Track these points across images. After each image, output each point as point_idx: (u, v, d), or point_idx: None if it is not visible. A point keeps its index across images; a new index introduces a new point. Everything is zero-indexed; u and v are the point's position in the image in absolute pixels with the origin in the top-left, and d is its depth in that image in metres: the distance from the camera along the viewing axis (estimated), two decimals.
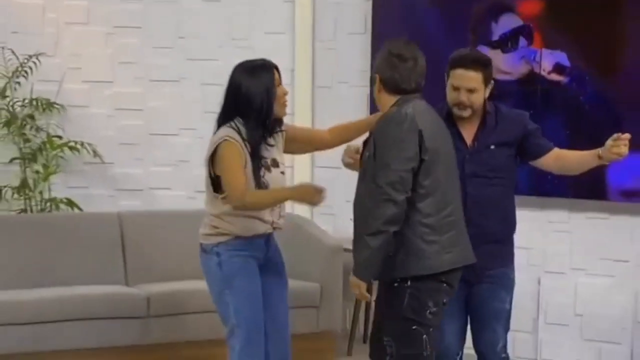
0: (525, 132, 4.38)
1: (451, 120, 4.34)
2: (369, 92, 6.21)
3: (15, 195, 6.31)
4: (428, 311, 3.81)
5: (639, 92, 5.56)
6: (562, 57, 5.70)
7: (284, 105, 4.32)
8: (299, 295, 5.77)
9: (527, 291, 5.86)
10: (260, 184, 4.23)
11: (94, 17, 6.60)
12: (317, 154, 6.52)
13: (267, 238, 4.37)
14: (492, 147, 4.36)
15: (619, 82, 5.65)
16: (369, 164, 3.80)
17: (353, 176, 6.32)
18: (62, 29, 6.56)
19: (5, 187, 6.30)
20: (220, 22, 6.63)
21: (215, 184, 4.23)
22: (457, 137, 4.34)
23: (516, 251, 5.59)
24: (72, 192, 6.52)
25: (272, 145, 4.30)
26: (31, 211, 6.31)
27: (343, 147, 4.51)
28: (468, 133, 4.36)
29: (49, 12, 6.53)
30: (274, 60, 6.34)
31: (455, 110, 4.31)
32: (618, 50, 5.66)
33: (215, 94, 6.19)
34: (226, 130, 4.18)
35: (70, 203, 6.40)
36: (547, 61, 5.76)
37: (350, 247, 5.96)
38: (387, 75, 3.86)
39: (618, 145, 4.18)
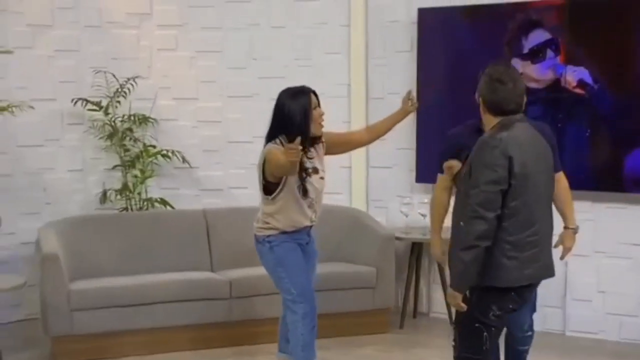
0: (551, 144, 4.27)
1: (483, 131, 4.33)
2: (415, 102, 6.53)
3: (118, 197, 6.61)
4: (492, 314, 3.79)
5: None
6: (585, 74, 5.83)
7: (320, 125, 4.69)
8: (357, 278, 6.04)
9: (556, 272, 6.00)
10: (305, 187, 4.65)
11: (181, 43, 6.88)
12: (372, 156, 6.82)
13: (308, 231, 4.81)
14: None
15: (632, 97, 5.78)
16: (464, 182, 3.81)
17: (402, 175, 6.72)
18: (154, 54, 6.85)
19: (109, 189, 6.63)
20: (286, 45, 6.84)
21: (266, 188, 4.66)
22: None
23: None
24: (165, 193, 6.81)
25: (311, 158, 4.68)
26: (131, 209, 6.60)
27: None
28: None
29: (142, 40, 6.82)
30: (333, 76, 6.81)
31: None
32: (630, 69, 5.78)
33: None
34: (272, 145, 4.59)
35: (163, 202, 6.68)
36: (572, 76, 5.88)
37: (400, 235, 6.34)
38: (489, 99, 3.82)
39: None
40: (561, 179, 4.49)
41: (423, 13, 6.41)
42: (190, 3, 6.91)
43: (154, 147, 6.76)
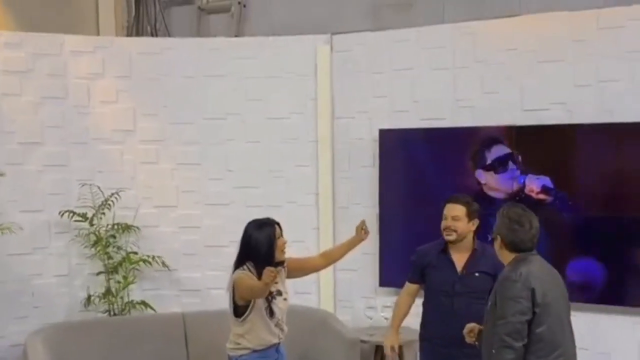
0: (499, 270, 4.25)
1: (446, 253, 4.47)
2: (377, 211, 6.26)
3: (102, 300, 6.21)
4: None
5: (597, 208, 5.52)
6: (547, 181, 5.60)
7: (283, 252, 4.55)
8: None
9: None
10: (271, 308, 4.48)
11: (162, 157, 6.56)
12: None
13: (277, 348, 4.58)
14: (477, 274, 4.44)
15: (583, 200, 5.56)
16: (491, 313, 3.76)
17: (367, 278, 6.41)
18: (137, 167, 6.51)
19: (94, 294, 6.22)
20: (260, 158, 6.55)
21: (236, 310, 4.46)
22: (450, 264, 4.45)
23: None
24: (146, 294, 6.40)
25: (276, 282, 4.47)
26: (114, 313, 6.20)
27: None
28: (459, 262, 4.46)
29: (126, 154, 6.50)
30: (302, 186, 6.54)
31: (445, 234, 4.46)
32: (578, 176, 5.61)
33: (257, 214, 6.29)
34: (240, 272, 4.45)
35: (144, 304, 6.28)
36: (534, 184, 5.64)
37: (365, 337, 5.97)
38: (509, 239, 3.79)
39: None
40: None
41: (383, 133, 6.18)
42: (170, 120, 6.56)
43: (136, 253, 6.35)
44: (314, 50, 6.49)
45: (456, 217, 4.48)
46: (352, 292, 6.48)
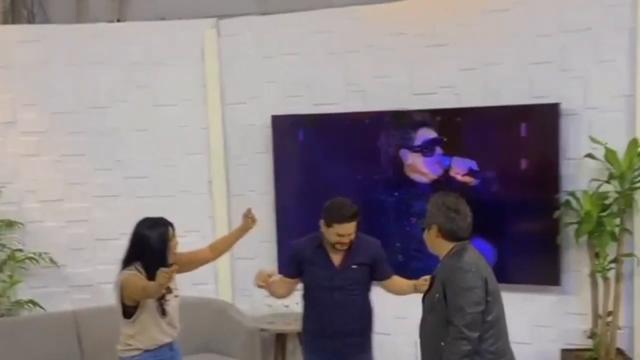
0: (377, 257, 4.58)
1: (322, 248, 4.55)
2: (274, 198, 6.30)
3: None
4: None
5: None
6: (473, 164, 5.69)
7: (174, 254, 4.44)
8: None
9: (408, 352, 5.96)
10: (163, 307, 4.39)
11: (46, 148, 6.36)
12: (237, 247, 6.44)
13: (170, 346, 4.52)
14: (354, 266, 4.54)
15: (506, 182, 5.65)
16: (439, 305, 3.70)
17: (265, 266, 6.37)
18: (19, 160, 6.30)
19: None
20: (149, 147, 6.44)
21: (125, 311, 4.37)
22: (327, 260, 4.54)
23: (396, 321, 5.75)
24: (34, 292, 6.23)
25: None
26: (1, 314, 5.99)
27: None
28: (336, 257, 4.54)
29: (7, 147, 6.27)
30: (194, 175, 6.49)
31: (338, 247, 4.50)
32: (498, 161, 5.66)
33: (148, 205, 6.29)
34: (127, 272, 4.34)
35: (33, 303, 6.10)
36: (460, 167, 5.73)
37: (265, 326, 6.01)
38: (447, 227, 3.77)
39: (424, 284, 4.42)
40: (395, 277, 4.70)
41: (276, 119, 6.18)
42: (53, 110, 6.35)
43: (21, 250, 6.16)
44: (201, 35, 6.42)
45: (351, 235, 4.50)
46: (250, 281, 6.38)
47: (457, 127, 5.71)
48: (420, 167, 5.84)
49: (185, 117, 6.47)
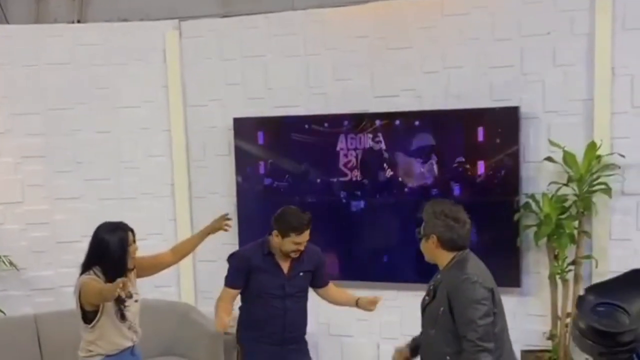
0: (319, 264, 4.67)
1: (271, 255, 4.58)
2: (235, 201, 6.32)
3: None
4: None
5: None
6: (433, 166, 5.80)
7: (135, 258, 4.43)
8: None
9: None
10: (122, 312, 4.36)
11: (5, 150, 6.31)
12: (198, 250, 6.48)
13: (131, 351, 4.51)
14: (301, 274, 4.62)
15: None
16: (443, 318, 3.57)
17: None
18: None
19: None
20: (111, 149, 6.42)
21: (85, 317, 4.36)
22: (277, 268, 4.57)
23: (359, 323, 5.81)
24: None
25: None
26: None
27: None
28: (284, 265, 4.59)
29: None
30: (157, 177, 6.49)
31: (292, 255, 4.53)
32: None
33: (110, 207, 6.28)
34: (86, 276, 4.32)
35: None
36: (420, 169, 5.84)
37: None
38: (446, 237, 3.63)
39: (373, 304, 4.59)
40: (332, 287, 4.79)
41: (237, 121, 6.20)
42: (12, 111, 6.31)
43: None
44: (163, 36, 6.41)
45: (306, 241, 4.54)
46: (213, 283, 6.40)
47: (418, 129, 5.77)
48: (380, 170, 5.88)
49: (147, 119, 6.46)
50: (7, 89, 6.32)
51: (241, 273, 4.63)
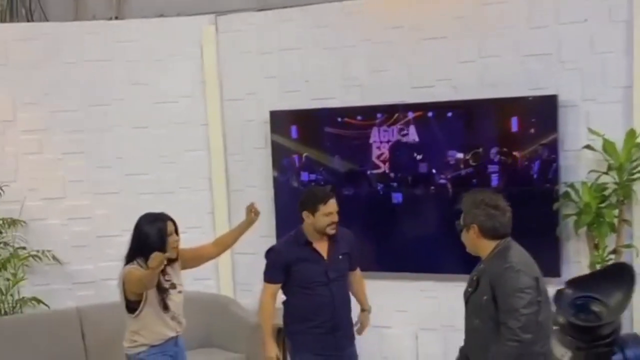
0: (353, 246, 4.73)
1: (308, 245, 4.64)
2: (272, 194, 6.38)
3: None
4: None
5: None
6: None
7: (175, 250, 4.54)
8: None
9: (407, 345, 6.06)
10: (165, 302, 4.49)
11: (46, 147, 6.46)
12: (237, 243, 6.59)
13: (175, 341, 4.61)
14: (340, 257, 4.67)
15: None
16: (487, 307, 3.59)
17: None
18: (20, 158, 6.40)
19: None
20: (149, 144, 6.53)
21: (128, 306, 4.47)
22: (316, 254, 4.63)
23: (397, 314, 5.85)
24: (38, 290, 6.34)
25: (169, 278, 4.54)
26: (5, 312, 6.11)
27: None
28: (323, 250, 4.65)
29: (7, 146, 6.38)
30: (195, 171, 6.59)
31: (329, 230, 4.58)
32: None
33: (149, 201, 6.39)
34: (129, 266, 4.45)
35: (37, 300, 6.21)
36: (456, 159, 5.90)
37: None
38: (488, 226, 3.64)
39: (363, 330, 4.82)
40: (357, 273, 4.87)
41: (274, 114, 6.28)
42: (52, 108, 6.46)
43: (24, 248, 6.27)
44: (199, 31, 6.51)
45: (337, 210, 4.60)
46: (251, 276, 6.54)
47: (455, 120, 5.79)
48: (416, 161, 5.91)
49: (185, 114, 6.57)
50: (48, 87, 6.46)
51: (279, 267, 4.70)
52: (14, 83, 6.41)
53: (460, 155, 5.77)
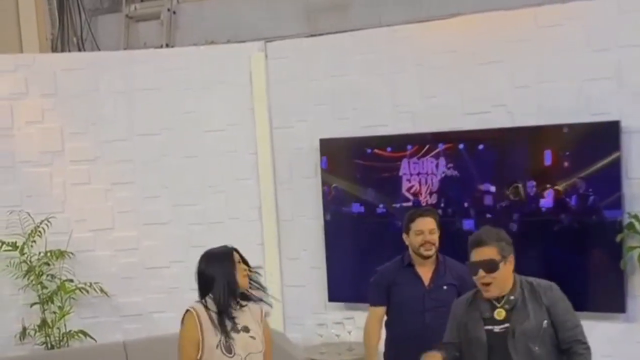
0: (462, 279, 4.53)
1: (411, 267, 4.68)
2: (322, 223, 6.50)
3: (37, 333, 6.33)
4: None
5: None
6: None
7: (245, 278, 4.20)
8: None
9: None
10: (228, 342, 4.07)
11: (94, 177, 6.69)
12: (285, 275, 6.75)
13: None
14: (445, 287, 4.65)
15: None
16: (547, 332, 3.78)
17: (315, 293, 6.64)
18: (68, 189, 6.65)
19: (29, 326, 6.32)
20: (198, 173, 6.72)
21: None
22: (417, 278, 4.65)
23: None
24: (84, 323, 6.54)
25: (243, 311, 4.16)
26: (52, 345, 6.32)
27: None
28: (425, 276, 4.67)
29: (55, 177, 6.63)
30: (244, 201, 6.73)
31: (423, 250, 4.61)
32: None
33: (197, 232, 6.58)
34: (194, 304, 4.14)
35: (83, 333, 6.42)
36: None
37: (316, 356, 6.18)
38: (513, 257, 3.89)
39: None
40: None
41: (324, 142, 6.43)
42: (101, 138, 6.73)
43: (72, 281, 6.50)
44: (249, 58, 6.72)
45: (433, 231, 4.63)
46: (301, 309, 6.69)
47: (511, 147, 5.83)
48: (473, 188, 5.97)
49: (233, 142, 6.76)
50: (96, 116, 6.74)
51: (381, 289, 4.74)
52: (63, 113, 6.69)
53: (517, 186, 5.80)
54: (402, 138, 6.18)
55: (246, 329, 4.15)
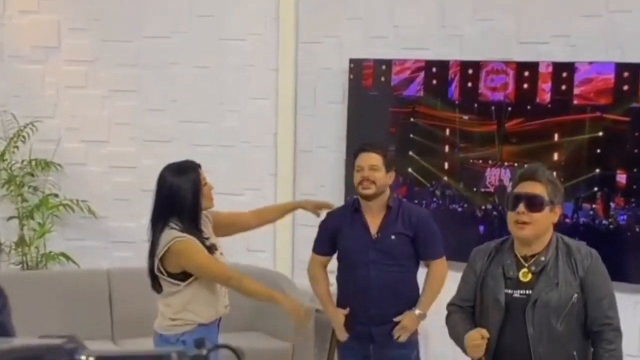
0: (419, 229, 4.56)
1: (359, 212, 4.59)
2: (345, 156, 6.39)
3: (13, 251, 6.38)
4: None
5: None
6: None
7: (211, 200, 4.41)
8: (271, 354, 5.85)
9: None
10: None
11: (92, 81, 6.66)
12: (298, 213, 6.67)
13: (218, 323, 4.48)
14: (393, 237, 4.56)
15: None
16: (576, 307, 3.62)
17: None
18: (61, 92, 6.64)
19: (5, 243, 6.31)
20: (210, 87, 6.66)
21: (173, 277, 4.30)
22: (363, 227, 4.57)
23: None
24: (68, 245, 6.58)
25: (207, 236, 4.39)
26: (27, 266, 6.37)
27: None
28: (373, 224, 4.58)
29: (48, 76, 6.61)
30: (259, 123, 6.68)
31: (361, 189, 4.52)
32: None
33: (205, 154, 6.50)
34: (172, 233, 4.25)
35: (65, 257, 6.45)
36: None
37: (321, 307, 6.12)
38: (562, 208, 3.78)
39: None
40: (434, 266, 4.65)
41: (355, 63, 6.28)
42: (103, 37, 6.67)
43: (56, 196, 6.53)
44: None
45: (373, 167, 4.53)
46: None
47: (568, 82, 5.60)
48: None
49: (253, 55, 6.67)
50: (99, 11, 6.67)
51: (324, 235, 4.76)
52: (62, 4, 6.65)
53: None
54: (446, 64, 5.99)
55: (215, 247, 4.38)
